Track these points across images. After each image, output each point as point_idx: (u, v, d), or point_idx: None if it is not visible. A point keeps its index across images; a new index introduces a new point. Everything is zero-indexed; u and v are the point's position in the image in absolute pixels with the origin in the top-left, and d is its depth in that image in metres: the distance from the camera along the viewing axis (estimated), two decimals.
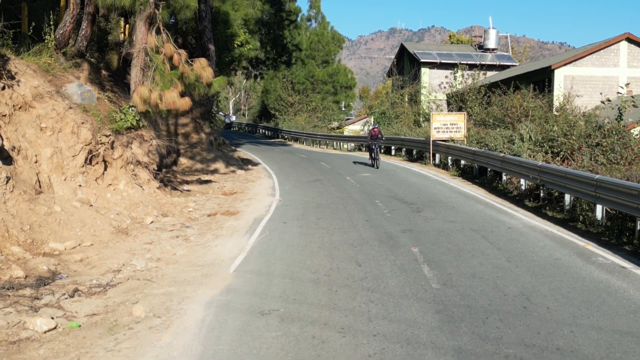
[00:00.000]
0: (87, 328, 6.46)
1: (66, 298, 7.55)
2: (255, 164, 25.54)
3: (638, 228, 9.52)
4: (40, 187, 11.52)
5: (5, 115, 11.74)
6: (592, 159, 14.56)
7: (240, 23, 27.57)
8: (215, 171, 21.69)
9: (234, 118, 77.40)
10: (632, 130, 17.63)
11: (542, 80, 28.72)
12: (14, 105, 12.10)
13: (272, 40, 38.02)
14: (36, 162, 11.89)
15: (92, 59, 16.76)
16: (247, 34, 29.06)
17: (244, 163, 25.28)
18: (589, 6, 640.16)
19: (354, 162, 25.12)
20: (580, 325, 6.04)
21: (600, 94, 25.40)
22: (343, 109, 58.79)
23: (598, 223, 10.86)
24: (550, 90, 26.88)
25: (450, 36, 63.01)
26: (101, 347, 5.86)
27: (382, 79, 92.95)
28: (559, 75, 28.19)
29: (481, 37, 42.45)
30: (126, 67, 20.67)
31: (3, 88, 11.93)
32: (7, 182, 10.50)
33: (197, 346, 5.73)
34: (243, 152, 31.84)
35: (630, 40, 28.75)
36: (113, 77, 18.79)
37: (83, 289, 7.95)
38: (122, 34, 21.22)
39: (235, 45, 28.09)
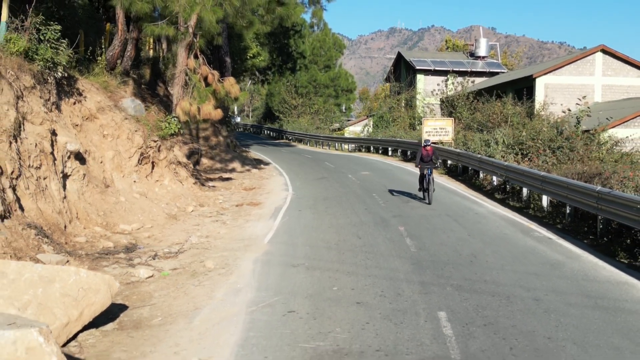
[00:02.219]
0: (174, 276, 9.54)
1: (151, 260, 10.62)
2: (267, 164, 28.61)
3: (567, 212, 12.63)
4: (106, 182, 14.59)
5: (77, 125, 14.82)
6: (552, 159, 17.65)
7: (252, 37, 30.64)
8: (233, 170, 24.77)
9: (238, 119, 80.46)
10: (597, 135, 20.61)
11: (525, 87, 31.75)
12: (83, 117, 15.17)
13: (279, 48, 41.18)
14: (101, 162, 14.95)
15: (134, 76, 19.85)
16: (258, 47, 32.13)
17: (257, 163, 28.33)
18: (589, 6, 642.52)
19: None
20: (505, 270, 9.14)
21: (561, 104, 28.38)
22: (344, 110, 61.92)
23: (544, 209, 13.98)
24: (532, 98, 29.88)
25: (446, 40, 66.08)
26: (190, 284, 8.94)
27: (381, 78, 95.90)
28: (540, 84, 31.12)
29: (473, 45, 45.55)
30: (156, 79, 23.79)
31: (74, 103, 15.01)
32: (83, 177, 13.56)
33: (254, 282, 8.81)
34: (253, 152, 34.85)
35: (605, 51, 31.74)
36: (148, 89, 21.88)
37: (160, 255, 11.03)
38: (152, 50, 24.30)
39: (248, 57, 31.16)
